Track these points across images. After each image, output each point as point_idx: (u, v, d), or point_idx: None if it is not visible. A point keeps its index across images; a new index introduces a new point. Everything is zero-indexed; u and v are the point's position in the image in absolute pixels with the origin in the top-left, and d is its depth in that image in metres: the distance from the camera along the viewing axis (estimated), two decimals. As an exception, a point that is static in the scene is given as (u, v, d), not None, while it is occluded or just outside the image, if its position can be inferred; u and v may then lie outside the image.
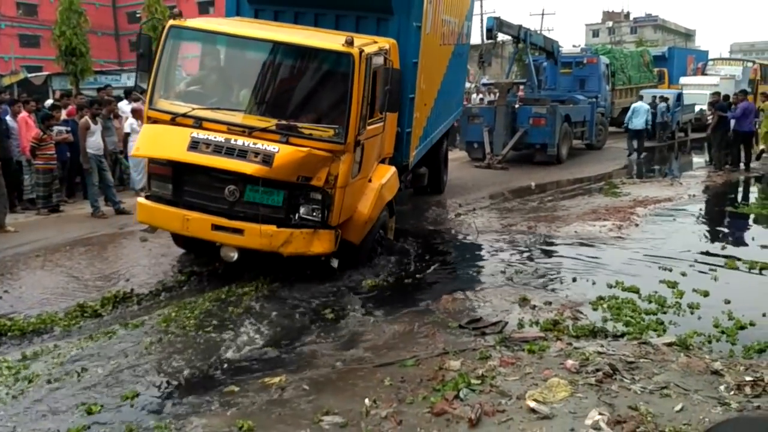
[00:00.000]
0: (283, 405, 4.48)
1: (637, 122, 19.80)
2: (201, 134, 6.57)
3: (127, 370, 5.08)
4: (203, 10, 50.35)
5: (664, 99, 22.58)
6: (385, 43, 7.89)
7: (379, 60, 7.36)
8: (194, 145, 6.50)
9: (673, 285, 6.99)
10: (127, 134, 12.36)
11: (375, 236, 7.89)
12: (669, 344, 5.32)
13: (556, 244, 9.19)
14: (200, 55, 7.99)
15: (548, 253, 8.80)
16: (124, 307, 6.64)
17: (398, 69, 7.65)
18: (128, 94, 14.48)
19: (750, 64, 32.79)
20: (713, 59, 36.61)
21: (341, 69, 6.87)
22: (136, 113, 12.56)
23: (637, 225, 10.29)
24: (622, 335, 5.63)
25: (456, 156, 17.52)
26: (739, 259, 8.05)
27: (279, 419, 4.29)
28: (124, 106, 13.56)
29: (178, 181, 6.87)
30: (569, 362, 4.82)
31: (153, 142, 6.89)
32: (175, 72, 7.57)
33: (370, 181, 7.64)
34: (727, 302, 6.39)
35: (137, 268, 7.92)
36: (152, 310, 6.53)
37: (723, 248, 8.85)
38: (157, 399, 4.69)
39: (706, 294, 6.70)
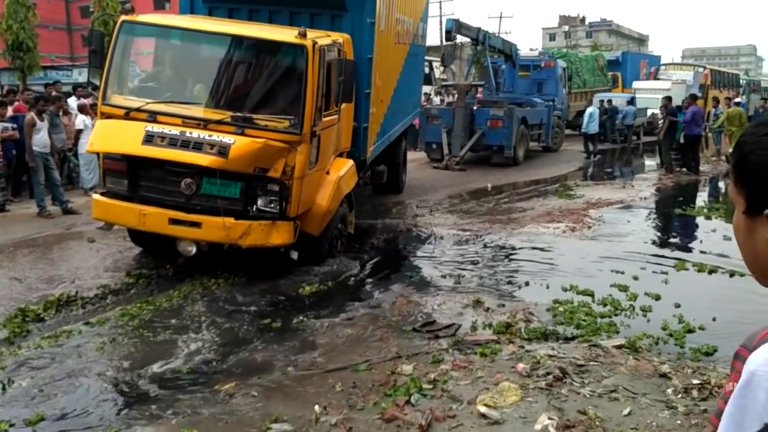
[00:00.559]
0: (231, 413, 4.37)
1: (592, 126, 20.18)
2: (155, 128, 6.54)
3: (66, 379, 4.90)
4: (159, 5, 49.42)
5: (609, 102, 23.13)
6: (339, 36, 7.95)
7: (332, 52, 7.41)
8: (149, 139, 6.46)
9: (624, 288, 7.08)
10: (79, 131, 12.00)
11: (335, 229, 7.95)
12: (619, 347, 5.37)
13: (511, 247, 9.23)
14: (153, 50, 7.91)
15: (503, 256, 8.84)
16: (68, 311, 6.41)
17: (352, 60, 7.74)
18: (75, 89, 14.08)
19: (701, 70, 33.65)
20: (665, 64, 37.55)
21: (295, 61, 6.92)
22: (83, 109, 12.24)
23: (589, 227, 10.42)
24: (573, 338, 5.66)
25: (415, 157, 17.53)
26: (687, 261, 8.20)
27: (226, 427, 4.19)
28: (72, 103, 13.18)
29: (133, 176, 6.84)
30: (520, 366, 4.82)
31: (107, 137, 6.82)
32: (128, 67, 7.51)
33: (327, 173, 7.67)
34: (677, 306, 6.48)
35: (84, 270, 7.67)
36: (97, 314, 6.32)
37: (672, 250, 9.01)
38: (101, 408, 4.52)
39: (657, 297, 6.79)
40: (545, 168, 17.93)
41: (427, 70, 22.38)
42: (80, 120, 12.07)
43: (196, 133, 6.49)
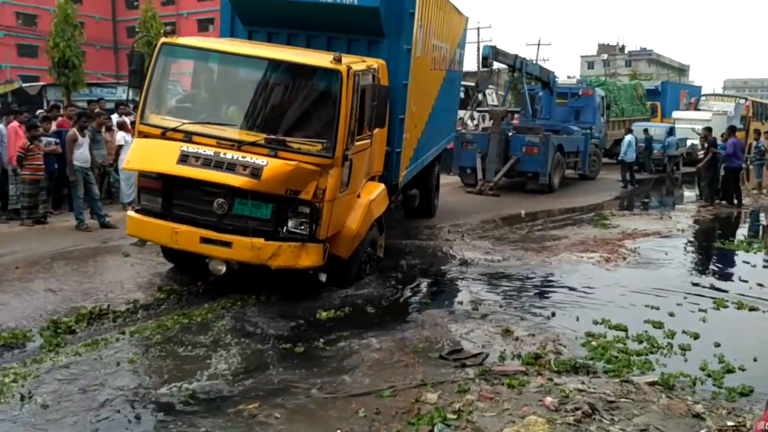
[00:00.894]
0: (252, 434, 4.34)
1: (630, 155, 19.93)
2: (190, 148, 6.66)
3: (87, 392, 4.93)
4: (203, 27, 50.67)
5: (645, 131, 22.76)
6: (374, 62, 7.98)
7: (367, 77, 7.44)
8: (184, 159, 6.58)
9: (659, 325, 6.85)
10: (120, 147, 12.26)
11: (364, 252, 7.94)
12: (651, 383, 5.21)
13: (544, 275, 9.09)
14: (192, 72, 8.08)
15: (535, 285, 8.70)
16: (99, 324, 6.50)
17: (385, 85, 7.78)
18: (118, 107, 14.41)
19: (742, 101, 33.02)
20: (706, 95, 36.90)
21: (329, 85, 6.97)
22: (123, 126, 12.50)
23: (624, 258, 10.21)
24: (605, 372, 5.51)
25: (448, 181, 17.48)
26: (726, 299, 7.92)
27: (247, 449, 4.15)
28: (114, 119, 13.48)
29: (167, 195, 6.97)
30: (548, 399, 4.71)
31: (143, 155, 6.99)
32: (166, 88, 7.66)
33: (358, 196, 7.69)
34: (717, 345, 6.27)
35: (117, 283, 7.77)
36: (127, 327, 6.39)
37: (710, 286, 8.74)
38: (121, 424, 4.53)
39: (696, 336, 6.57)
40: (581, 196, 17.70)
41: (462, 95, 22.38)
42: (120, 136, 12.34)
43: (229, 154, 6.58)
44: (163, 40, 7.44)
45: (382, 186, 8.38)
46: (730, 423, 4.35)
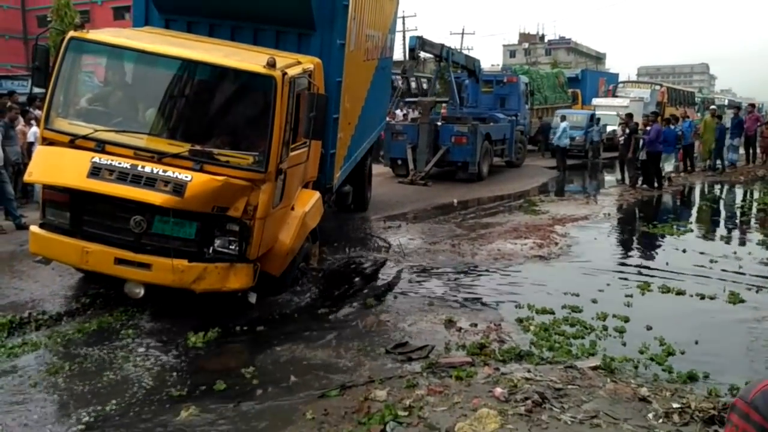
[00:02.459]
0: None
1: (564, 141, 20.47)
2: (103, 159, 5.96)
3: None
4: (118, 15, 48.61)
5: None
6: (310, 63, 7.53)
7: (303, 82, 6.97)
8: (95, 172, 5.89)
9: (602, 316, 6.88)
10: (31, 144, 11.53)
11: (297, 269, 7.43)
12: (595, 368, 5.28)
13: (481, 264, 9.13)
14: (105, 70, 7.35)
15: (473, 273, 8.73)
16: (21, 334, 6.06)
17: (324, 95, 7.29)
18: (32, 101, 13.57)
19: (658, 87, 34.42)
20: (623, 82, 38.30)
21: (262, 92, 6.40)
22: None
23: (556, 243, 10.40)
24: (548, 362, 5.54)
25: (380, 171, 17.41)
26: (650, 285, 8.11)
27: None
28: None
29: (76, 210, 6.18)
30: (498, 390, 4.68)
31: (48, 166, 6.17)
32: (75, 88, 6.87)
33: (292, 209, 7.16)
34: (649, 328, 6.42)
35: (37, 289, 7.30)
36: (51, 336, 5.98)
37: (639, 272, 8.95)
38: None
39: (626, 320, 6.73)
40: (510, 183, 17.99)
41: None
42: (32, 132, 11.61)
43: (149, 168, 5.94)
44: (71, 34, 6.58)
45: (317, 195, 7.86)
46: (675, 405, 4.43)
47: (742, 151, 21.52)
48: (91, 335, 6.03)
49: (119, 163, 5.95)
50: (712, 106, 26.84)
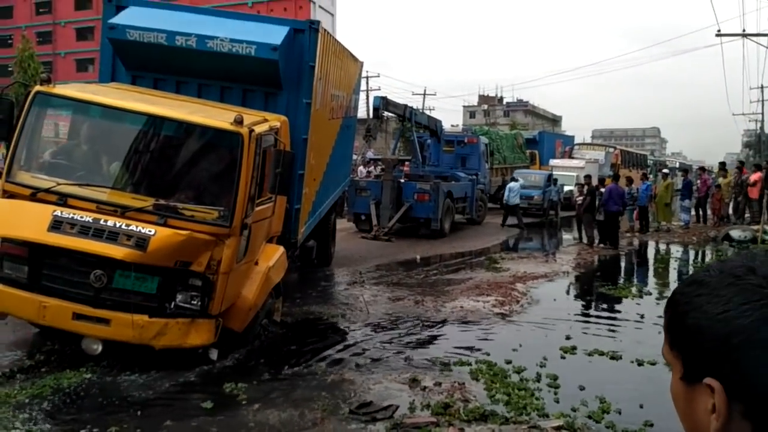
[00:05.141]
0: None
1: (514, 199, 20.96)
2: (65, 213, 5.91)
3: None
4: (81, 67, 48.60)
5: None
6: (276, 121, 7.60)
7: (269, 139, 7.02)
8: (56, 225, 5.83)
9: (554, 378, 6.76)
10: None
11: (260, 323, 7.32)
12: (557, 428, 5.27)
13: (445, 321, 9.11)
14: (69, 124, 7.35)
15: (437, 330, 8.70)
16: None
17: (290, 152, 7.36)
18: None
19: (611, 150, 35.61)
20: (579, 144, 39.52)
21: (228, 148, 6.46)
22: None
23: (518, 302, 10.46)
24: (510, 420, 5.50)
25: (343, 226, 17.42)
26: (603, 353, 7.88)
27: None
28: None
29: (35, 264, 6.06)
30: (463, 451, 4.62)
31: (8, 219, 6.07)
32: (39, 142, 6.84)
33: (256, 263, 7.09)
34: (582, 389, 6.34)
35: (-11, 345, 7.01)
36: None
37: (572, 347, 8.98)
38: None
39: (583, 388, 6.56)
40: (471, 240, 18.17)
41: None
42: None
43: (111, 221, 5.90)
44: (37, 88, 6.59)
45: (281, 249, 7.84)
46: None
47: (693, 212, 22.25)
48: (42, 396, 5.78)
49: (81, 217, 5.89)
50: (665, 170, 27.79)
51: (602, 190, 17.61)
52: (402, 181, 18.70)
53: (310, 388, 6.23)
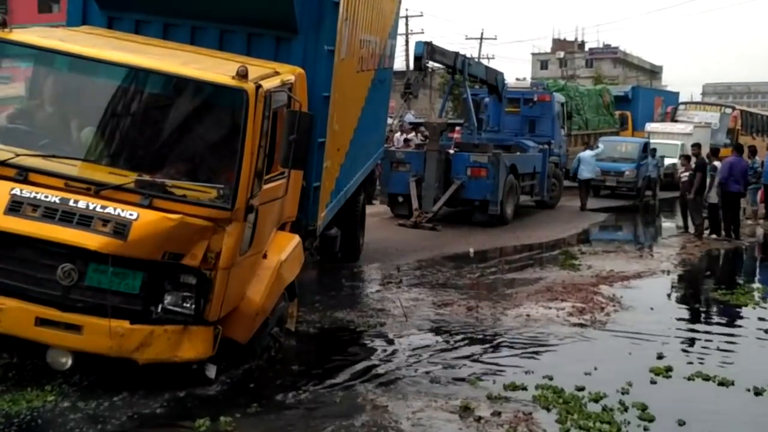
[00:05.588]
0: None
1: (586, 173, 21.33)
2: (26, 191, 5.99)
3: None
4: (44, 8, 49.39)
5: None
6: (290, 74, 7.61)
7: (281, 97, 7.06)
8: (15, 207, 5.90)
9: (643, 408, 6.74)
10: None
11: (269, 335, 7.36)
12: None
13: (505, 333, 9.16)
14: (30, 78, 7.41)
15: (495, 347, 8.75)
16: None
17: (308, 113, 7.36)
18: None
19: (729, 110, 34.87)
20: (685, 102, 38.93)
21: (230, 109, 6.51)
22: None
23: (602, 309, 10.43)
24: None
25: (375, 210, 17.54)
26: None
27: None
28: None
29: None
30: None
31: None
32: None
33: (264, 256, 7.14)
34: (682, 423, 6.34)
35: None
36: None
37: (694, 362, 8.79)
38: None
39: (683, 423, 6.53)
40: (541, 229, 18.17)
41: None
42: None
43: (83, 202, 5.95)
44: None
45: (296, 239, 7.84)
46: None
47: None
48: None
49: (46, 197, 5.97)
50: None
51: (716, 163, 17.29)
52: (451, 152, 18.68)
53: (332, 417, 6.32)
